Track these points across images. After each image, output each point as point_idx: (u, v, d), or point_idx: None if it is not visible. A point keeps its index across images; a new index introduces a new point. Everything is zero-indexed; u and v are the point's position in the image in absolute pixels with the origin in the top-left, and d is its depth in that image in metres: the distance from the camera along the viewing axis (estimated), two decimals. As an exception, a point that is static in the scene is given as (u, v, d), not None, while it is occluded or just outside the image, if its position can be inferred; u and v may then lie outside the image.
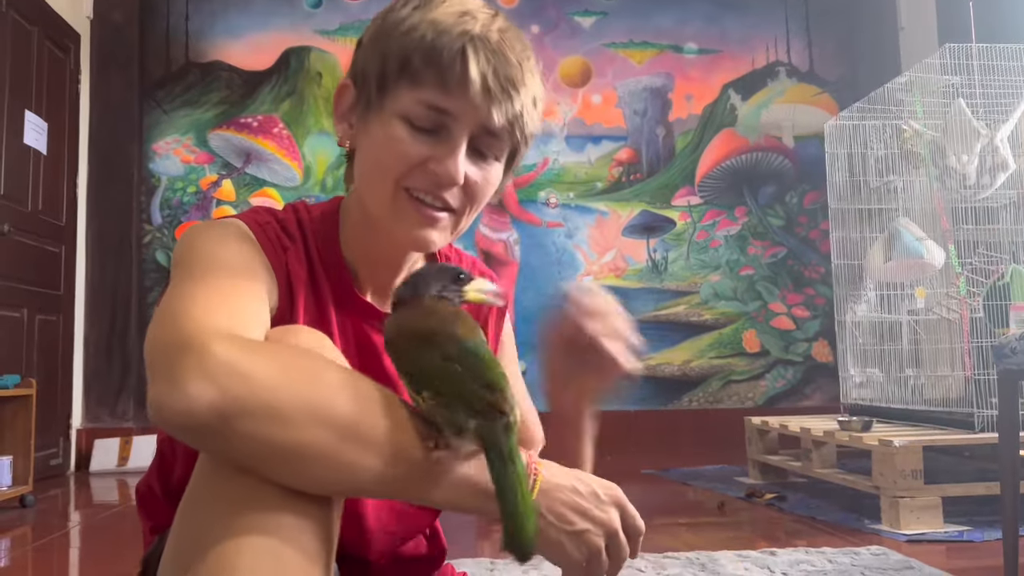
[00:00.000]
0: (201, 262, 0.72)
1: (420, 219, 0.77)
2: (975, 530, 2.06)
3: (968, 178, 2.58)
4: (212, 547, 0.57)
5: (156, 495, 0.84)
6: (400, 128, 0.75)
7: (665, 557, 1.78)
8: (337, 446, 0.59)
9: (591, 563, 0.69)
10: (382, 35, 0.77)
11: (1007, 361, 1.51)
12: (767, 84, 4.39)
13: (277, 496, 0.59)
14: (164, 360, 0.59)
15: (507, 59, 0.74)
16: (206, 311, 0.63)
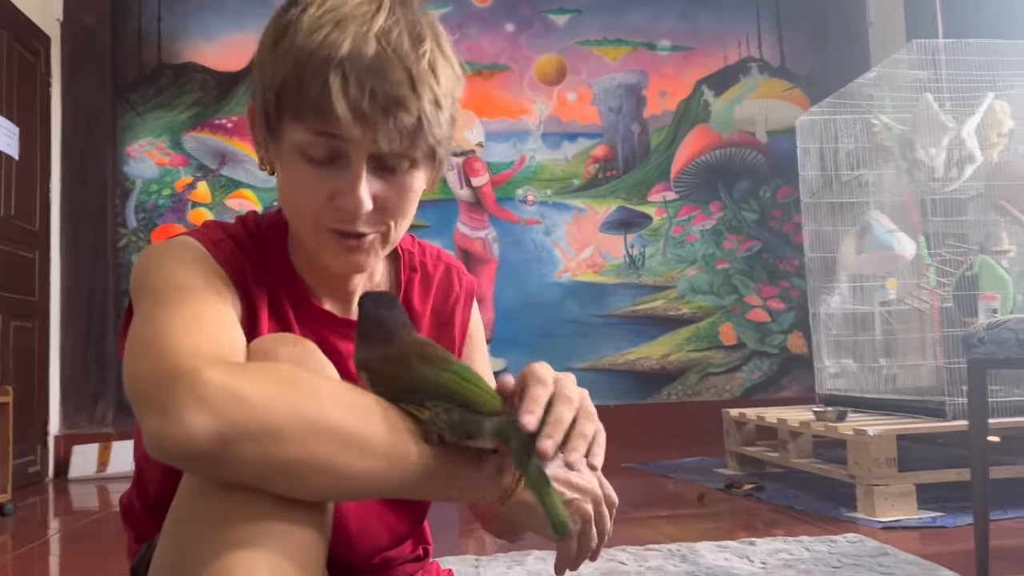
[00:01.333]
0: (167, 287, 0.71)
1: (344, 249, 0.76)
2: (948, 515, 2.11)
3: (936, 171, 2.63)
4: (208, 560, 0.58)
5: (136, 508, 0.85)
6: (300, 164, 0.73)
7: (647, 549, 1.81)
8: (336, 456, 0.61)
9: (584, 532, 0.73)
10: (260, 59, 0.75)
11: (975, 351, 1.55)
12: (740, 80, 4.44)
13: (269, 505, 0.60)
14: (154, 392, 0.59)
15: (385, 75, 0.69)
16: (187, 338, 0.64)
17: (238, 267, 0.79)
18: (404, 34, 0.71)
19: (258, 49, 0.76)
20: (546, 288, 4.22)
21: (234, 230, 0.83)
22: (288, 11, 0.73)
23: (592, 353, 4.22)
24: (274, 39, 0.73)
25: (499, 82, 4.30)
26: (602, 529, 0.75)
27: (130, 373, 0.63)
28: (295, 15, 0.72)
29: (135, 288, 0.74)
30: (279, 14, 0.75)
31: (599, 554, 0.77)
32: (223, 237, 0.81)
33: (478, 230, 4.22)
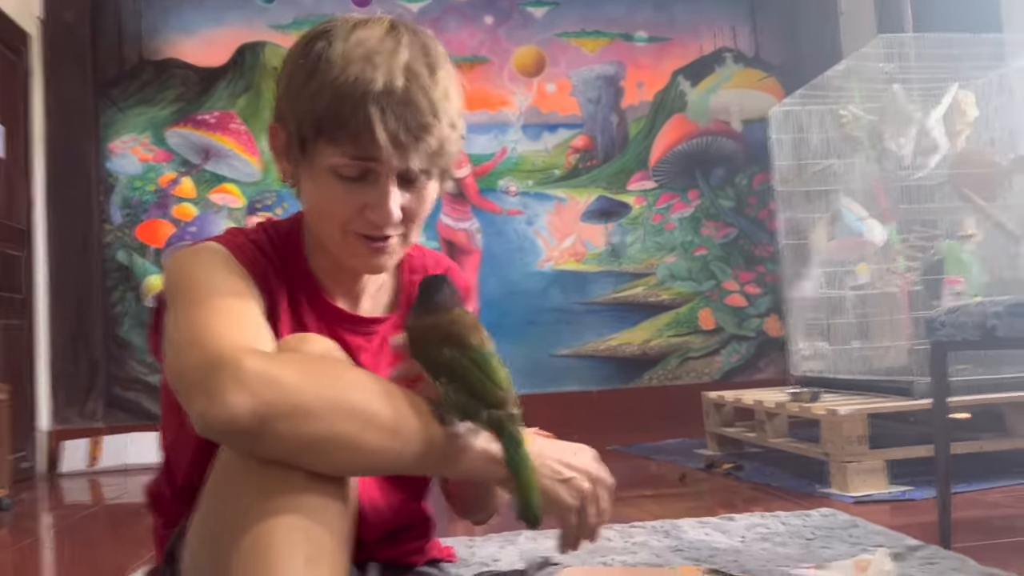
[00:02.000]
0: (200, 289, 0.79)
1: (370, 252, 0.86)
2: (916, 489, 2.21)
3: (904, 160, 2.73)
4: (248, 529, 0.66)
5: (165, 495, 0.92)
6: (332, 182, 0.82)
7: (632, 527, 1.90)
8: (360, 434, 0.68)
9: (584, 508, 0.81)
10: (293, 91, 0.83)
11: (938, 333, 1.65)
12: (715, 70, 4.52)
13: (301, 480, 0.68)
14: (199, 379, 0.67)
15: (416, 106, 0.79)
16: (225, 332, 0.72)
17: (260, 268, 0.87)
18: (423, 65, 0.81)
19: (287, 79, 0.84)
20: (529, 277, 4.30)
21: (254, 235, 0.92)
22: (315, 44, 0.82)
23: (575, 340, 4.31)
24: (307, 72, 0.81)
25: (479, 74, 4.36)
26: (599, 508, 0.83)
27: (176, 365, 0.71)
28: (323, 48, 0.80)
29: (169, 290, 0.82)
30: (305, 46, 0.83)
31: (598, 534, 0.85)
32: (245, 242, 0.89)
33: (461, 221, 4.29)
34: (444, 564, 1.07)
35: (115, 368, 3.98)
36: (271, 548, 0.65)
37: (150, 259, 4.06)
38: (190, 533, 0.78)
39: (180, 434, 0.88)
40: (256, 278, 0.86)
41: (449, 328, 0.75)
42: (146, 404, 3.97)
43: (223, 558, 0.67)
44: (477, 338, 0.75)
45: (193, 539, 0.77)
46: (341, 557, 0.70)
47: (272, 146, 0.89)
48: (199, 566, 0.74)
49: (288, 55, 0.87)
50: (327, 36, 0.82)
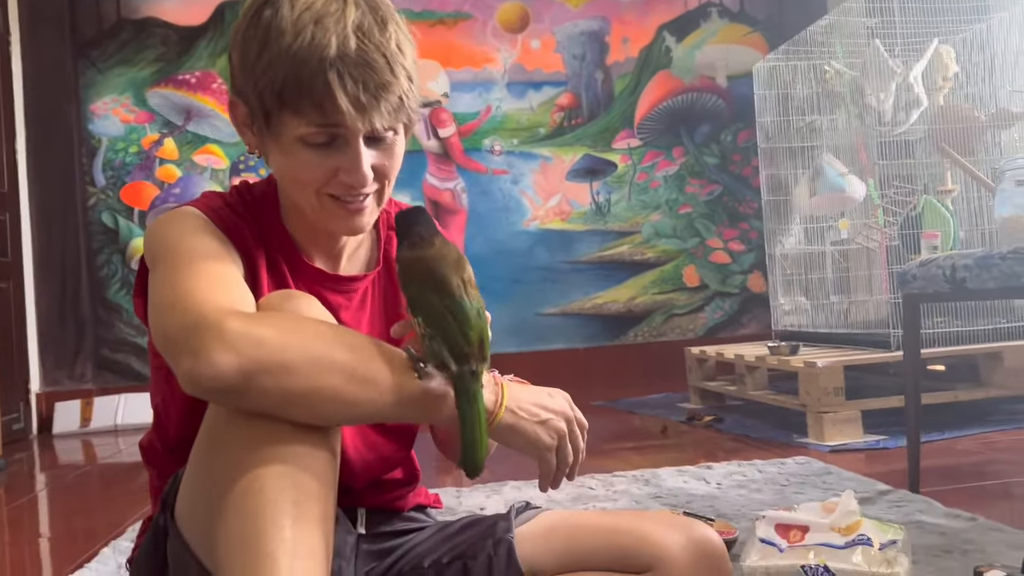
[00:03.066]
0: (180, 253, 0.81)
1: (347, 214, 0.87)
2: (890, 439, 2.28)
3: (885, 115, 2.75)
4: (239, 477, 0.69)
5: (158, 450, 0.96)
6: (301, 150, 0.83)
7: (614, 476, 1.96)
8: (341, 387, 0.72)
9: (561, 447, 0.85)
10: (248, 64, 0.82)
11: (909, 286, 1.69)
12: (700, 25, 4.50)
13: (287, 431, 0.71)
14: (184, 340, 0.70)
15: (371, 65, 0.79)
16: (208, 294, 0.74)
17: (237, 232, 0.89)
18: (372, 22, 0.81)
19: (240, 52, 0.84)
20: (515, 236, 4.32)
21: (230, 199, 0.93)
22: (263, 12, 0.81)
23: (561, 298, 4.35)
24: (259, 43, 0.81)
25: (462, 31, 4.32)
26: (576, 447, 0.87)
27: (161, 327, 0.74)
28: (271, 17, 0.80)
29: (150, 255, 0.84)
30: (252, 16, 0.83)
31: (575, 472, 0.89)
32: (221, 205, 0.91)
33: (446, 181, 4.29)
34: (430, 510, 1.11)
35: (103, 330, 4.00)
36: (261, 493, 0.68)
37: (135, 221, 4.05)
38: (183, 483, 0.81)
39: (169, 393, 0.91)
40: (234, 241, 0.88)
41: (431, 265, 0.77)
42: (135, 365, 3.99)
43: (216, 504, 0.70)
44: (457, 280, 0.77)
45: (187, 488, 0.80)
46: (327, 500, 0.73)
47: (233, 119, 0.89)
48: (194, 513, 0.78)
49: (236, 26, 0.86)
50: (272, 2, 0.82)
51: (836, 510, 1.15)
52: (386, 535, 1.03)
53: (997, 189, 1.68)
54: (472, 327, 0.76)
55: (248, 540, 0.67)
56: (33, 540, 1.93)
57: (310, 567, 0.67)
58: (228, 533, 0.68)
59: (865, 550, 1.10)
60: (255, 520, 0.67)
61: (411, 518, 1.07)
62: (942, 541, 1.34)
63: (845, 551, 1.10)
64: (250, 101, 0.84)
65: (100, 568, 1.50)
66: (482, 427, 0.76)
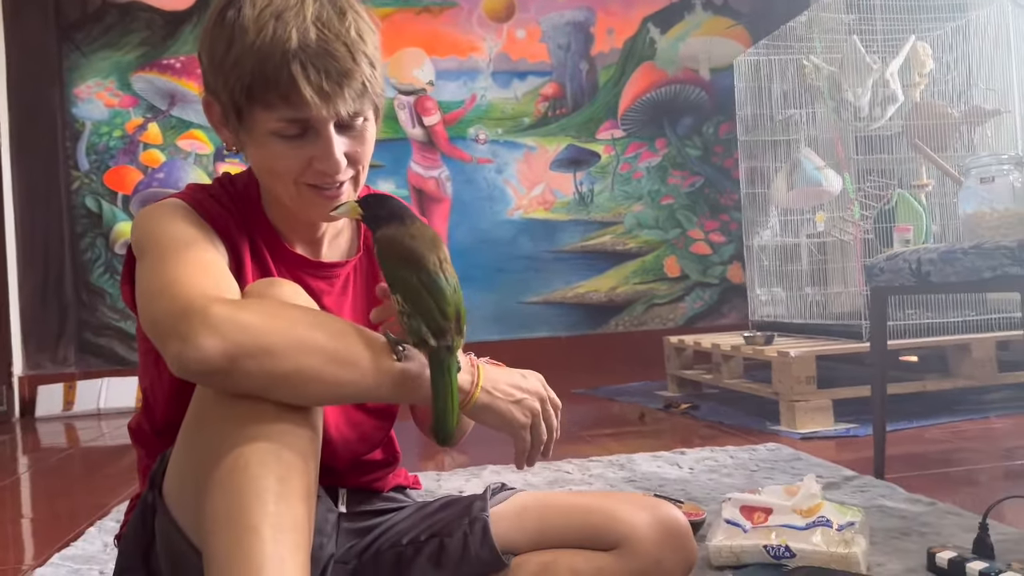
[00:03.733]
0: (167, 243, 0.85)
1: (325, 201, 0.91)
2: (860, 427, 2.34)
3: (861, 110, 2.80)
4: (225, 453, 0.73)
5: (146, 431, 0.99)
6: (275, 143, 0.87)
7: (590, 461, 2.01)
8: (322, 368, 0.76)
9: (535, 426, 0.90)
10: (216, 63, 0.86)
11: (877, 279, 1.74)
12: (684, 17, 4.54)
13: (271, 411, 0.75)
14: (172, 325, 0.74)
15: (333, 54, 0.83)
16: (194, 282, 0.78)
17: (221, 222, 0.93)
18: (331, 12, 0.85)
19: (206, 52, 0.88)
20: (499, 225, 4.35)
21: (213, 190, 0.97)
22: (226, 13, 0.86)
23: (544, 287, 4.39)
24: (225, 41, 0.85)
25: (448, 19, 4.33)
26: (550, 425, 0.91)
27: (150, 313, 0.77)
28: (234, 16, 0.85)
29: (137, 245, 0.88)
30: (217, 16, 0.87)
31: (550, 451, 0.94)
32: (204, 197, 0.95)
33: (431, 169, 4.32)
34: (409, 490, 1.15)
35: (86, 314, 4.00)
36: (246, 469, 0.72)
37: (119, 205, 4.05)
38: (171, 462, 0.85)
39: (157, 376, 0.94)
40: (218, 231, 0.91)
41: (409, 243, 0.81)
42: (118, 350, 4.01)
43: (203, 481, 0.74)
44: (434, 259, 0.81)
45: (174, 467, 0.84)
46: (310, 476, 0.77)
47: (210, 119, 0.93)
48: (181, 490, 0.82)
49: (203, 29, 0.90)
50: (235, 3, 0.86)
51: (798, 493, 1.20)
52: (366, 514, 1.07)
53: (962, 186, 1.73)
54: (449, 303, 0.80)
55: (233, 514, 0.71)
56: (16, 521, 1.96)
57: (292, 539, 0.72)
58: (214, 507, 0.72)
59: (825, 531, 1.15)
60: (240, 495, 0.71)
61: (391, 498, 1.11)
62: (901, 524, 1.40)
63: (806, 532, 1.16)
64: (222, 99, 0.88)
65: (86, 547, 1.53)
66: (453, 398, 0.81)
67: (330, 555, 0.97)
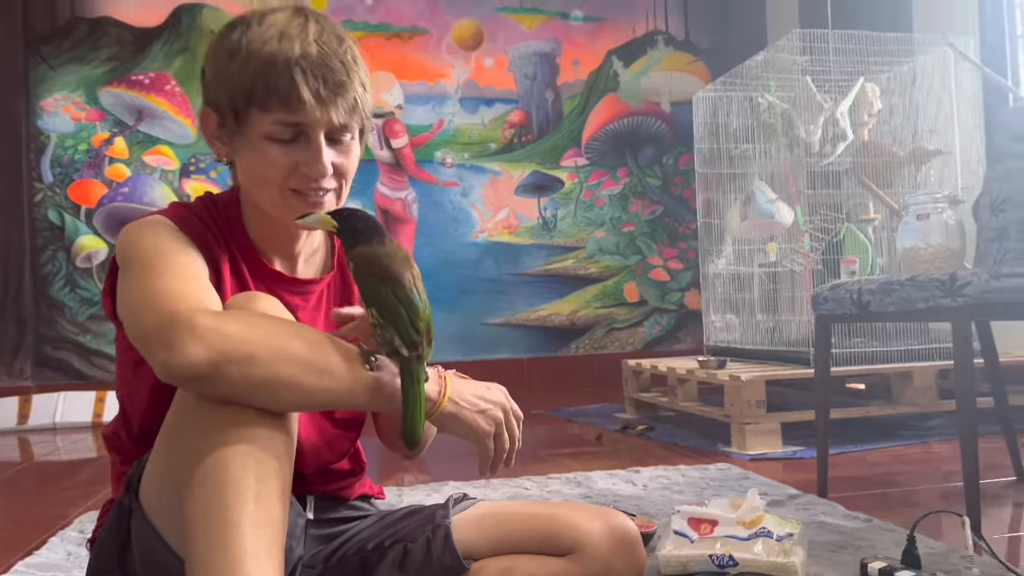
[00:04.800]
0: (152, 257, 0.90)
1: (307, 206, 0.97)
2: (807, 450, 2.44)
3: (813, 147, 2.94)
4: (205, 455, 0.78)
5: (122, 438, 1.03)
6: (267, 147, 0.94)
7: (548, 478, 2.07)
8: (300, 377, 0.81)
9: (498, 435, 0.95)
10: (220, 71, 0.95)
11: (821, 308, 1.85)
12: (647, 52, 4.69)
13: (251, 415, 0.80)
14: (160, 334, 0.78)
15: (330, 67, 0.92)
16: (178, 294, 0.83)
17: (202, 239, 0.98)
18: (332, 36, 0.95)
19: (211, 66, 0.96)
20: (463, 248, 4.42)
21: (195, 208, 1.02)
22: (232, 32, 0.95)
23: (507, 309, 4.47)
24: (230, 53, 0.93)
25: (417, 45, 4.42)
26: (512, 435, 0.97)
27: (137, 324, 0.82)
28: (241, 34, 0.94)
29: (123, 258, 0.92)
30: (222, 36, 0.96)
31: (512, 459, 0.99)
32: (187, 214, 1.00)
33: (398, 191, 4.38)
34: (375, 500, 1.21)
35: (44, 328, 3.97)
36: (228, 469, 0.77)
37: (82, 219, 4.03)
38: (148, 466, 0.89)
39: (135, 385, 0.99)
40: (199, 246, 0.96)
41: (387, 262, 0.88)
42: (76, 364, 3.97)
43: (184, 481, 0.79)
44: (409, 276, 0.88)
45: (152, 470, 0.88)
46: (285, 477, 0.82)
47: (205, 130, 1.00)
48: (159, 492, 0.86)
49: (208, 49, 0.98)
50: (242, 24, 0.95)
51: (742, 506, 1.28)
52: (332, 521, 1.12)
53: (901, 222, 1.85)
54: (421, 317, 0.87)
55: (214, 510, 0.76)
56: (-27, 532, 1.94)
57: (270, 534, 0.77)
58: (196, 504, 0.77)
59: (766, 541, 1.23)
60: (221, 492, 0.76)
61: (356, 507, 1.16)
62: (839, 538, 1.49)
63: (748, 542, 1.23)
64: (221, 105, 0.95)
65: (49, 555, 1.54)
66: (421, 405, 0.87)
67: (299, 557, 1.02)
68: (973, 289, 1.52)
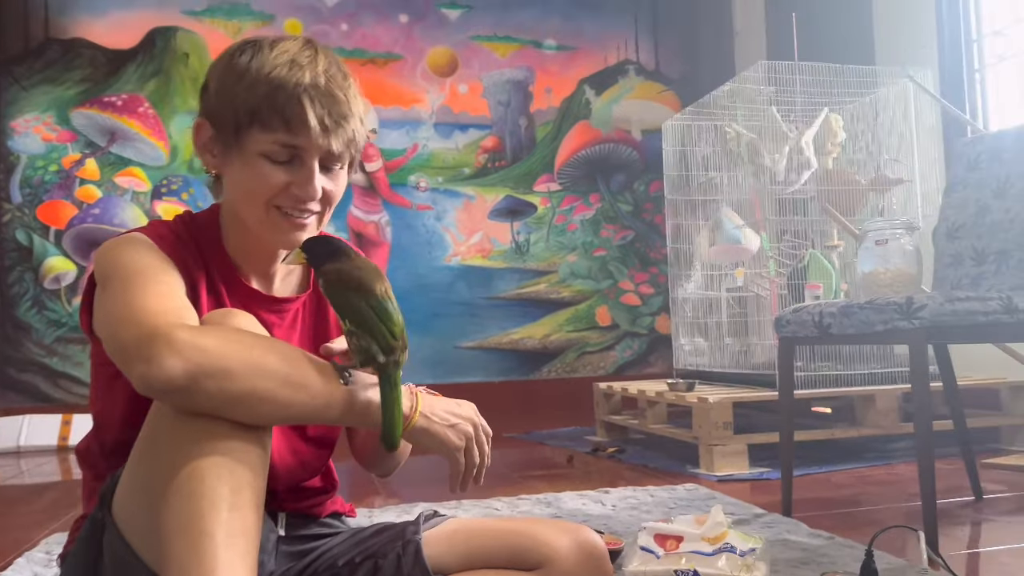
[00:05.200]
0: (131, 273, 0.91)
1: (291, 228, 1.00)
2: (773, 471, 2.47)
3: (778, 175, 3.02)
4: (181, 468, 0.79)
5: (96, 453, 1.04)
6: (262, 164, 0.97)
7: (518, 499, 2.09)
8: (276, 391, 0.83)
9: (468, 449, 0.98)
10: (227, 88, 0.98)
11: (784, 330, 1.89)
12: (618, 81, 4.79)
13: (226, 429, 0.82)
14: (139, 348, 0.80)
15: (335, 98, 0.97)
16: (157, 309, 0.85)
17: (179, 255, 1.00)
18: (338, 71, 0.99)
19: (217, 81, 0.99)
20: (437, 271, 4.45)
21: (174, 226, 1.04)
22: (242, 54, 0.98)
23: (479, 333, 4.49)
24: (239, 72, 0.97)
25: (392, 71, 4.47)
26: (482, 450, 1.00)
27: (116, 337, 0.84)
28: (251, 56, 0.97)
29: (102, 274, 0.94)
30: (231, 57, 0.99)
31: (482, 476, 1.01)
32: (167, 232, 1.02)
33: (371, 214, 4.40)
34: (345, 518, 1.22)
35: (10, 349, 3.91)
36: (203, 480, 0.78)
37: (51, 240, 4.00)
38: (123, 480, 0.90)
39: (111, 400, 0.99)
40: (177, 264, 0.98)
41: (356, 274, 0.91)
42: (42, 386, 3.92)
43: (159, 492, 0.80)
44: (380, 287, 0.91)
45: (126, 484, 0.89)
46: (259, 489, 0.83)
47: (196, 140, 1.02)
48: (133, 506, 0.87)
49: (214, 66, 1.01)
50: (252, 48, 0.98)
51: (706, 522, 1.31)
52: (304, 538, 1.13)
53: (860, 247, 1.91)
54: (396, 323, 0.89)
55: (190, 520, 0.77)
56: (-64, 556, 1.92)
57: (244, 544, 0.78)
58: (171, 514, 0.78)
59: (729, 556, 1.26)
60: (196, 503, 0.78)
61: (327, 524, 1.18)
62: (802, 555, 1.52)
63: (712, 557, 1.26)
64: (222, 118, 0.98)
65: (14, 577, 1.53)
66: (398, 408, 0.90)
67: (270, 572, 1.03)
68: (928, 312, 1.57)
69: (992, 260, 1.92)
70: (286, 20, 4.34)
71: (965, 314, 1.58)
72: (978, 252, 1.94)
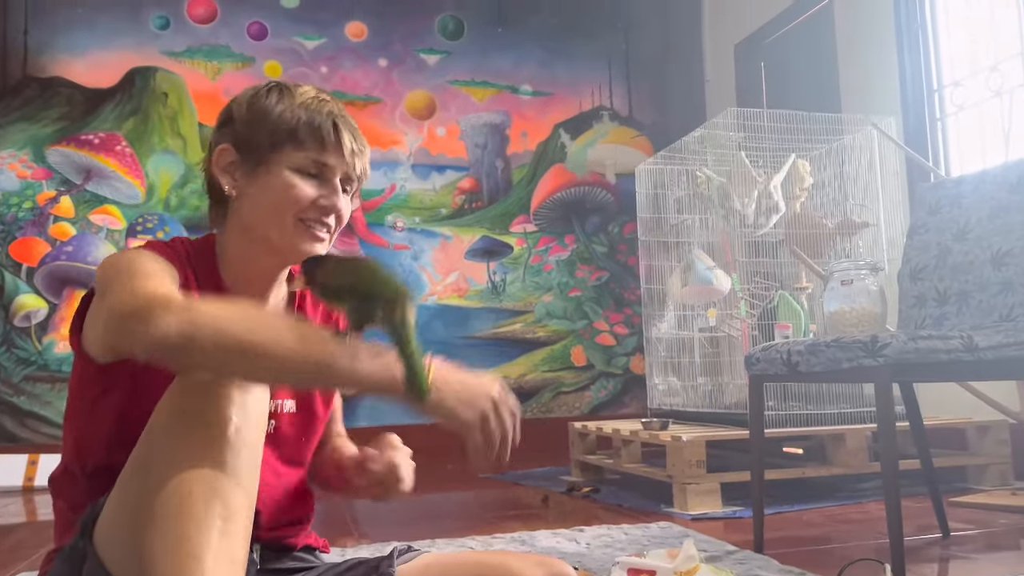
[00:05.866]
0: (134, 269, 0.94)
1: (311, 238, 1.07)
2: (746, 509, 2.49)
3: (747, 218, 3.09)
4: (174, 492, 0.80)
5: (76, 477, 1.03)
6: (293, 177, 1.05)
7: (493, 537, 2.08)
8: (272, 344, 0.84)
9: (484, 426, 0.93)
10: (259, 118, 1.07)
11: (754, 368, 1.93)
12: (592, 126, 4.89)
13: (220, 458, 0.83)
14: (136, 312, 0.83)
15: (356, 128, 1.10)
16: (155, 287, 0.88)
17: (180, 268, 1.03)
18: (348, 116, 1.10)
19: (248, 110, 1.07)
20: (412, 310, 4.46)
21: (172, 244, 1.08)
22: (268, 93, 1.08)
23: (454, 373, 4.48)
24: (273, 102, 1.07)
25: (371, 113, 4.54)
26: (503, 428, 0.95)
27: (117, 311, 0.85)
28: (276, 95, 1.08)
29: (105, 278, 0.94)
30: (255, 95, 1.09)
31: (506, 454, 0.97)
32: (163, 248, 1.06)
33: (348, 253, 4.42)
34: (319, 552, 1.22)
35: (-23, 388, 3.85)
36: (195, 506, 0.79)
37: (22, 277, 3.97)
38: (108, 507, 0.89)
39: (93, 422, 1.00)
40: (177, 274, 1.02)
41: (340, 257, 1.01)
42: (8, 425, 3.85)
43: (148, 515, 0.80)
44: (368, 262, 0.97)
45: (112, 510, 0.88)
46: (249, 519, 0.85)
47: (215, 164, 1.08)
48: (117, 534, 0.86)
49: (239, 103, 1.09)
50: (276, 89, 1.09)
51: (679, 556, 1.33)
52: (279, 572, 1.14)
53: (826, 288, 1.96)
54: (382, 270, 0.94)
55: (178, 542, 0.78)
56: None
57: (229, 571, 0.79)
58: (158, 537, 0.79)
59: (701, 591, 1.28)
60: (186, 527, 0.79)
61: (302, 558, 1.18)
62: (773, 591, 1.54)
63: (684, 592, 1.28)
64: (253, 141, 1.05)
65: (-22, 618, 1.50)
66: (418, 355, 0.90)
67: (246, 605, 1.03)
68: (892, 350, 1.62)
69: (954, 301, 1.98)
70: (266, 62, 4.40)
71: (928, 352, 1.63)
72: (940, 293, 2.00)
